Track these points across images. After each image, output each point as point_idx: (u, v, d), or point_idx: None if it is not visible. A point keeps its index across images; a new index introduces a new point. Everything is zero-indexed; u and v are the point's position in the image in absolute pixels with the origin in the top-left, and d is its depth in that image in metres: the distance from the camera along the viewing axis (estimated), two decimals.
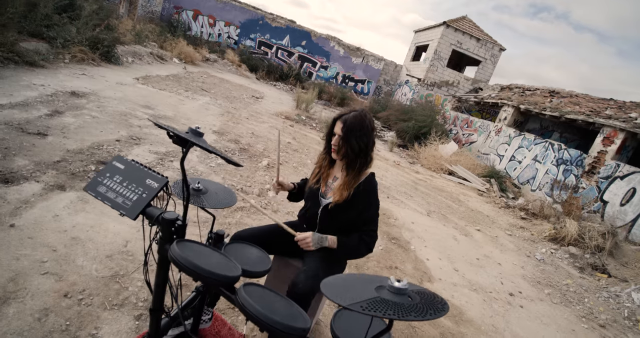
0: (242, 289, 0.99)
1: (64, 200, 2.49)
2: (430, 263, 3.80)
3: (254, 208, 3.62)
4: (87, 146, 3.45)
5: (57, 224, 2.24)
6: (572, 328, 3.22)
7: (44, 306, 1.68)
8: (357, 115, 1.70)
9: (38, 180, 2.60)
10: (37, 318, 1.61)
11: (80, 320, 1.68)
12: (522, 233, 5.77)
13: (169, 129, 1.06)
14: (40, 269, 1.86)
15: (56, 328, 1.60)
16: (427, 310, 0.74)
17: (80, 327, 1.65)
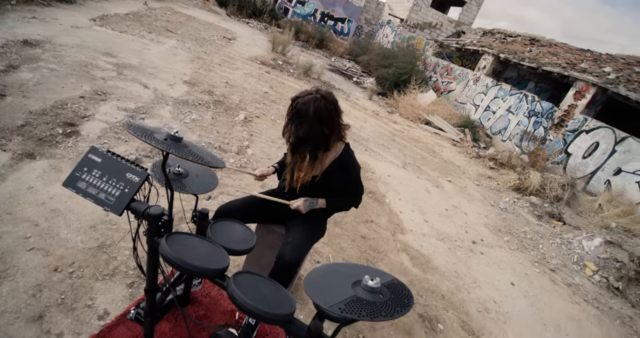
0: (232, 281, 1.07)
1: (35, 170, 2.41)
2: (403, 216, 4.06)
3: (239, 172, 3.64)
4: (49, 106, 3.23)
5: (34, 197, 2.20)
6: (526, 272, 3.66)
7: (36, 282, 1.73)
8: (307, 100, 1.62)
9: (5, 149, 2.47)
10: (32, 295, 1.67)
11: (74, 292, 1.77)
12: (489, 183, 6.16)
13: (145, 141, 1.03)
14: (25, 245, 1.88)
15: (52, 303, 1.68)
16: (395, 307, 0.85)
17: (76, 299, 1.74)
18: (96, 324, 1.68)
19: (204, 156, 1.10)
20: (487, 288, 3.17)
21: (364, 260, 3.00)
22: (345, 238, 3.20)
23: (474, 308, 2.85)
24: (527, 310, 3.04)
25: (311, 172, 1.78)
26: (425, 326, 2.50)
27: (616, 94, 6.78)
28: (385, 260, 3.10)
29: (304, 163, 1.77)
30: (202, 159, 1.05)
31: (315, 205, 1.83)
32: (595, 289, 3.72)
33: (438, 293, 2.89)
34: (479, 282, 3.24)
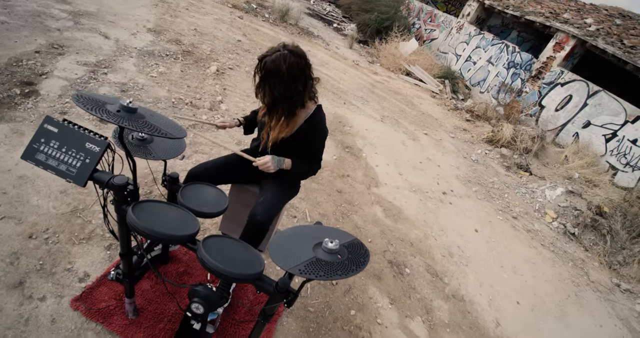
0: (201, 246, 1.12)
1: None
2: (379, 169, 4.18)
3: (207, 126, 3.55)
4: (3, 63, 2.96)
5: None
6: (490, 220, 3.93)
7: (12, 250, 1.74)
8: (276, 58, 1.55)
9: None
10: (9, 263, 1.69)
11: (52, 257, 1.80)
12: (464, 136, 6.31)
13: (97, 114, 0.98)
14: None
15: (31, 269, 1.72)
16: (350, 267, 0.93)
17: (54, 264, 1.78)
18: (77, 286, 1.75)
19: (162, 127, 1.07)
20: (452, 236, 3.42)
21: (339, 213, 3.13)
22: (321, 193, 3.30)
23: (439, 254, 3.10)
24: (487, 254, 3.33)
25: (286, 130, 1.76)
26: (394, 271, 2.72)
27: (594, 47, 6.77)
28: (360, 213, 3.25)
29: (279, 121, 1.74)
30: (160, 131, 1.03)
31: (282, 164, 1.84)
32: (553, 235, 4.08)
33: (407, 241, 3.10)
34: (446, 229, 3.48)
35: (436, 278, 2.80)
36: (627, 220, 4.02)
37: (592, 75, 7.38)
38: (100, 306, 1.71)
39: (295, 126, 1.79)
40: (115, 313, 1.71)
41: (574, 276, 3.50)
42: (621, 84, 7.94)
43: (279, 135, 1.78)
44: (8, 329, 1.51)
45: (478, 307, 2.68)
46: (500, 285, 3.00)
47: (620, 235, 3.90)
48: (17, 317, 1.56)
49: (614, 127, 6.09)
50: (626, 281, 3.71)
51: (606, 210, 4.15)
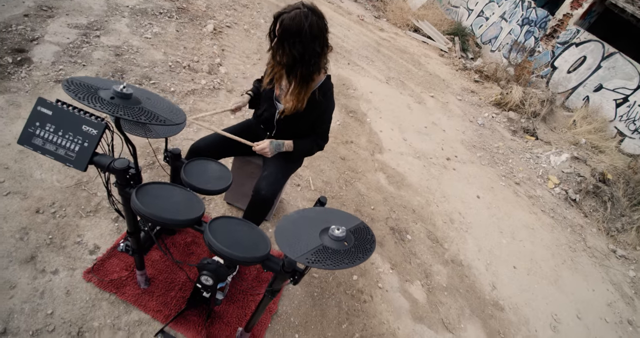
0: (207, 230, 1.12)
1: None
2: (383, 135, 4.12)
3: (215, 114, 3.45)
4: None
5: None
6: (492, 185, 3.94)
7: (21, 226, 1.77)
8: (296, 16, 1.45)
9: None
10: (19, 238, 1.73)
11: (61, 231, 1.83)
12: (471, 98, 6.12)
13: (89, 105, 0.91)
14: (0, 191, 1.86)
15: (41, 243, 1.76)
16: (357, 254, 0.93)
17: (64, 238, 1.82)
18: (89, 259, 1.80)
19: (160, 112, 1.02)
20: (454, 202, 3.46)
21: (343, 181, 3.14)
22: (325, 161, 3.28)
23: (440, 220, 3.15)
24: (487, 220, 3.39)
25: (301, 100, 1.68)
26: (395, 237, 2.79)
27: (613, 6, 6.30)
28: (363, 180, 3.26)
29: (294, 88, 1.66)
30: (158, 118, 0.98)
31: (281, 148, 1.80)
32: (554, 201, 4.11)
33: (409, 208, 3.14)
34: (448, 196, 3.51)
35: (436, 244, 2.87)
36: (629, 188, 4.03)
37: (609, 37, 6.96)
38: (113, 277, 1.78)
39: (304, 102, 1.72)
40: (127, 284, 1.78)
41: (571, 241, 3.59)
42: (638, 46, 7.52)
43: (296, 106, 1.69)
44: (25, 303, 1.58)
45: (475, 272, 2.78)
46: (498, 250, 3.08)
47: (621, 202, 3.93)
48: (32, 290, 1.62)
49: (626, 92, 5.87)
50: (622, 247, 3.81)
51: (609, 177, 4.14)
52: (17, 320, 1.52)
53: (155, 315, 1.73)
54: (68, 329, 1.56)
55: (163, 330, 1.68)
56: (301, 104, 1.70)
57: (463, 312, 2.42)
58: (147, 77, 3.16)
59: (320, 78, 1.71)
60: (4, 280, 1.61)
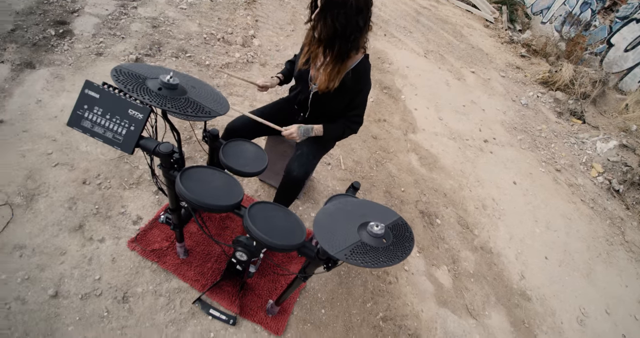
0: (247, 216, 1.15)
1: (38, 81, 2.32)
2: (418, 113, 3.98)
3: (241, 80, 3.43)
4: (35, 2, 2.85)
5: (44, 111, 2.18)
6: (531, 171, 3.76)
7: (69, 196, 1.89)
8: None
9: (3, 60, 2.32)
10: (68, 208, 1.85)
11: (106, 202, 1.95)
12: (516, 75, 5.72)
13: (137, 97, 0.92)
14: (49, 162, 1.97)
15: (88, 213, 1.88)
16: (396, 253, 0.93)
17: (109, 208, 1.94)
18: (132, 229, 1.92)
19: (205, 102, 1.02)
20: (488, 187, 3.35)
21: (374, 161, 3.10)
22: (356, 139, 3.23)
23: (472, 205, 3.08)
24: (522, 207, 3.27)
25: (335, 78, 1.62)
26: (425, 221, 2.77)
27: None
28: (394, 161, 3.21)
29: (329, 64, 1.60)
30: (203, 109, 0.98)
31: (310, 133, 1.77)
32: (595, 190, 3.88)
33: (441, 192, 3.08)
34: (482, 180, 3.40)
35: (466, 230, 2.83)
36: None
37: None
38: (155, 247, 1.89)
39: (337, 80, 1.66)
40: (168, 254, 1.90)
41: (608, 234, 3.42)
42: None
43: (328, 84, 1.63)
44: (74, 268, 1.72)
45: (505, 260, 2.73)
46: (530, 239, 3.00)
47: None
48: (81, 257, 1.76)
49: None
50: None
51: None
52: (68, 284, 1.67)
53: (193, 284, 1.84)
54: (114, 294, 1.70)
55: (200, 298, 1.80)
56: (333, 83, 1.64)
57: (488, 299, 2.42)
58: (183, 50, 3.16)
59: (358, 57, 1.64)
60: (55, 247, 1.75)
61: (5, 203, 1.80)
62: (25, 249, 1.71)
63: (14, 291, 1.59)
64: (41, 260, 1.70)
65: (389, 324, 2.06)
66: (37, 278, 1.65)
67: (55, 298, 1.62)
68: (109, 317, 1.64)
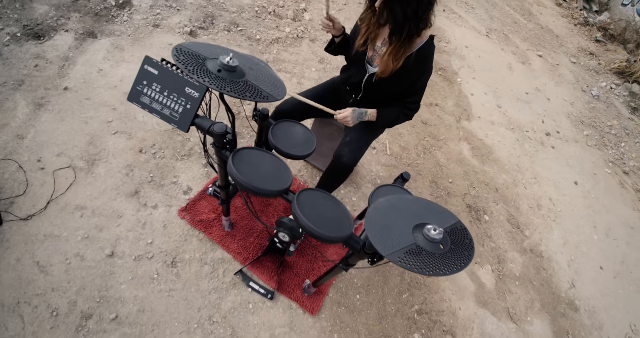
0: (296, 203, 1.13)
1: (100, 51, 2.40)
2: (474, 99, 3.71)
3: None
4: None
5: (106, 80, 2.27)
6: (595, 172, 3.42)
7: (127, 163, 1.98)
8: None
9: (67, 29, 2.42)
10: (126, 174, 1.94)
11: (160, 171, 2.03)
12: (589, 62, 5.11)
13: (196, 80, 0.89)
14: (109, 130, 2.07)
15: (144, 180, 1.96)
16: (454, 261, 0.86)
17: (163, 177, 2.01)
18: (182, 198, 1.99)
19: (263, 87, 0.97)
20: (546, 186, 3.09)
21: (422, 148, 2.96)
22: (404, 124, 3.09)
23: (526, 204, 2.87)
24: (582, 211, 3.00)
25: (396, 60, 1.50)
26: (472, 216, 2.63)
27: None
28: (444, 149, 3.04)
29: (395, 47, 1.48)
30: (262, 94, 0.93)
31: (363, 117, 1.68)
32: None
33: (492, 187, 2.90)
34: (540, 178, 3.14)
35: (516, 230, 2.66)
36: None
37: None
38: (202, 218, 1.96)
39: (400, 62, 1.54)
40: (214, 225, 1.96)
41: None
42: None
43: (392, 67, 1.52)
44: (129, 231, 1.82)
45: (555, 266, 2.55)
46: (586, 246, 2.76)
47: None
48: (136, 221, 1.86)
49: None
50: None
51: None
52: (123, 245, 1.78)
53: (236, 257, 1.90)
54: (164, 258, 1.80)
55: (242, 271, 1.86)
56: (397, 64, 1.52)
57: (533, 305, 2.29)
58: (235, 24, 3.13)
59: (424, 37, 1.50)
60: (113, 210, 1.87)
61: (69, 166, 1.93)
62: (85, 210, 1.83)
63: (74, 248, 1.72)
64: (100, 222, 1.82)
65: (424, 318, 2.02)
66: (95, 238, 1.77)
67: (111, 258, 1.74)
68: (159, 279, 1.74)
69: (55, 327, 1.52)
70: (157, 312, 1.65)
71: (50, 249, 1.69)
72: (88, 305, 1.60)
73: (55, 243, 1.71)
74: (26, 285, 1.59)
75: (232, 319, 1.73)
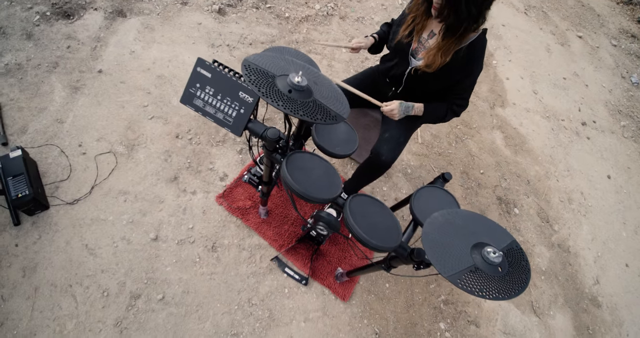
0: (348, 209, 1.13)
1: (131, 31, 2.34)
2: (509, 84, 3.56)
3: (332, 47, 3.21)
4: None
5: (138, 62, 2.23)
6: (629, 166, 3.31)
7: (165, 148, 1.99)
8: None
9: (95, 8, 2.35)
10: (164, 160, 1.96)
11: (196, 157, 2.05)
12: (630, 45, 4.77)
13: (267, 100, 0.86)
14: (145, 114, 2.06)
15: (182, 166, 1.99)
16: (513, 285, 0.87)
17: (199, 163, 2.04)
18: (219, 185, 2.03)
19: (330, 105, 0.94)
20: (579, 178, 3.03)
21: (453, 136, 2.90)
22: None
23: (556, 197, 2.83)
24: (613, 206, 2.95)
25: (446, 55, 1.42)
26: (501, 208, 2.62)
27: None
28: (476, 138, 2.97)
29: (443, 45, 1.40)
30: (329, 114, 0.90)
31: (410, 111, 1.62)
32: None
33: (524, 178, 2.85)
34: (573, 170, 3.07)
35: (545, 224, 2.64)
36: None
37: None
38: (239, 205, 2.00)
39: (448, 57, 1.47)
40: (250, 212, 2.00)
41: None
42: None
43: (439, 61, 1.44)
44: (171, 216, 1.88)
45: (582, 261, 2.55)
46: (614, 243, 2.74)
47: None
48: (177, 206, 1.91)
49: None
50: None
51: None
52: (166, 230, 1.85)
53: (272, 243, 1.96)
54: (205, 243, 1.87)
55: (277, 257, 1.92)
56: (445, 59, 1.44)
57: (556, 299, 2.32)
58: (263, 0, 3.01)
59: (476, 31, 1.41)
60: (154, 195, 1.92)
61: (109, 151, 1.97)
62: (128, 195, 1.89)
63: (120, 232, 1.79)
64: (143, 206, 1.88)
65: (450, 308, 2.08)
66: (139, 222, 1.84)
67: (155, 241, 1.81)
68: (201, 262, 1.82)
69: (106, 306, 1.62)
70: (200, 293, 1.74)
71: (97, 232, 1.77)
72: (136, 286, 1.69)
73: (101, 227, 1.78)
74: (76, 266, 1.68)
75: (269, 302, 1.81)
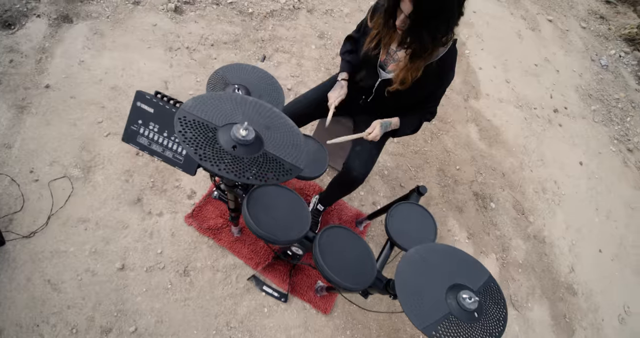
0: (317, 250, 1.07)
1: (78, 38, 2.13)
2: (482, 74, 3.54)
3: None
4: None
5: (88, 73, 2.04)
6: (600, 150, 3.38)
7: (124, 168, 1.85)
8: None
9: (38, 14, 2.12)
10: (125, 180, 1.83)
11: (160, 175, 1.92)
12: (599, 27, 4.82)
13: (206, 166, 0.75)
14: (101, 131, 1.90)
15: (145, 186, 1.86)
16: (488, 328, 0.84)
17: (164, 181, 1.91)
18: (187, 203, 1.92)
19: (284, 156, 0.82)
20: (552, 167, 3.07)
21: (429, 133, 2.87)
22: None
23: (531, 188, 2.87)
24: (585, 193, 3.02)
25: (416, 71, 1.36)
26: (478, 204, 2.63)
27: None
28: (452, 133, 2.95)
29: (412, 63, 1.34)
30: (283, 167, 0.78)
31: (388, 127, 1.58)
32: None
33: (499, 171, 2.87)
34: (546, 159, 3.11)
35: (521, 216, 2.68)
36: None
37: None
38: (210, 224, 1.91)
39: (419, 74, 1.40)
40: (222, 231, 1.92)
41: None
42: None
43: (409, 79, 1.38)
44: (137, 242, 1.77)
45: (557, 251, 2.62)
46: (587, 229, 2.82)
47: None
48: (142, 231, 1.80)
49: None
50: None
51: None
52: (132, 257, 1.74)
53: (248, 262, 1.89)
54: (176, 267, 1.78)
55: (254, 275, 1.86)
56: (415, 76, 1.38)
57: (534, 291, 2.38)
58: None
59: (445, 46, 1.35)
60: (116, 220, 1.80)
61: (63, 175, 1.82)
62: (89, 223, 1.76)
63: (84, 263, 1.68)
64: (105, 234, 1.76)
65: None
66: (103, 251, 1.73)
67: (122, 271, 1.71)
68: (173, 289, 1.73)
69: None
70: (175, 322, 1.67)
71: (59, 266, 1.65)
72: (106, 320, 1.60)
73: (63, 260, 1.66)
74: (41, 304, 1.57)
75: (248, 323, 1.76)
